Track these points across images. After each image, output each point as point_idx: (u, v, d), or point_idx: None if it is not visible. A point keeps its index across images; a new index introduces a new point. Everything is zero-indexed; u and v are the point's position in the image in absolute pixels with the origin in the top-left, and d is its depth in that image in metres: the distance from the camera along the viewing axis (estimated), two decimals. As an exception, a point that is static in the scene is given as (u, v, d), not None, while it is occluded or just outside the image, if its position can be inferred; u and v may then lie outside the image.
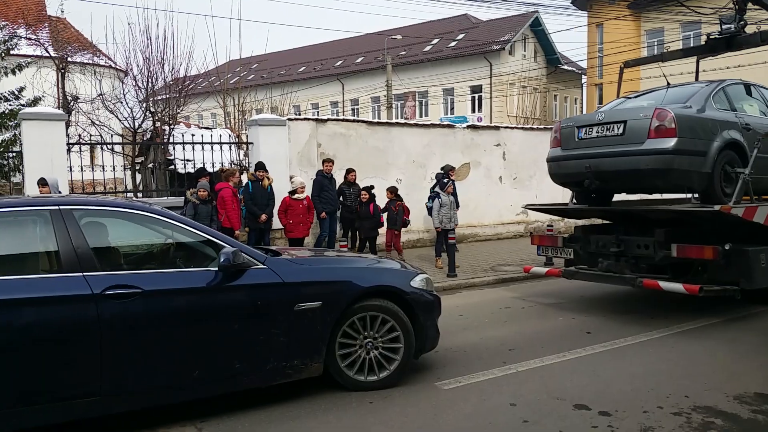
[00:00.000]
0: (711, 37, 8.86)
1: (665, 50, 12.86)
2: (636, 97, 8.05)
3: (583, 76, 37.33)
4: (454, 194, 10.76)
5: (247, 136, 11.85)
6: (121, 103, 13.93)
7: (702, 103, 6.87)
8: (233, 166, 11.09)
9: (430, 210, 10.55)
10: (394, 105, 32.55)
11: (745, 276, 6.53)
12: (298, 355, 4.42)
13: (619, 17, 28.01)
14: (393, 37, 35.04)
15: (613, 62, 22.09)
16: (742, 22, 8.43)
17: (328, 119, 12.17)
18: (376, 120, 17.02)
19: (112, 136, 12.87)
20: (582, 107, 38.98)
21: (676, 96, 7.21)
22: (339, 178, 10.93)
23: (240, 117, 17.13)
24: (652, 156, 6.47)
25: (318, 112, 40.68)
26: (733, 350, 5.78)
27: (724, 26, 8.56)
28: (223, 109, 17.38)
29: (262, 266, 4.39)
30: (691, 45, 22.14)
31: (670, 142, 6.38)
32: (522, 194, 13.55)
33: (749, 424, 4.14)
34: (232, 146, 12.05)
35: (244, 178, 10.13)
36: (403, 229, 10.85)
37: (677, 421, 4.14)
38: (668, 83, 7.92)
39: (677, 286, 6.47)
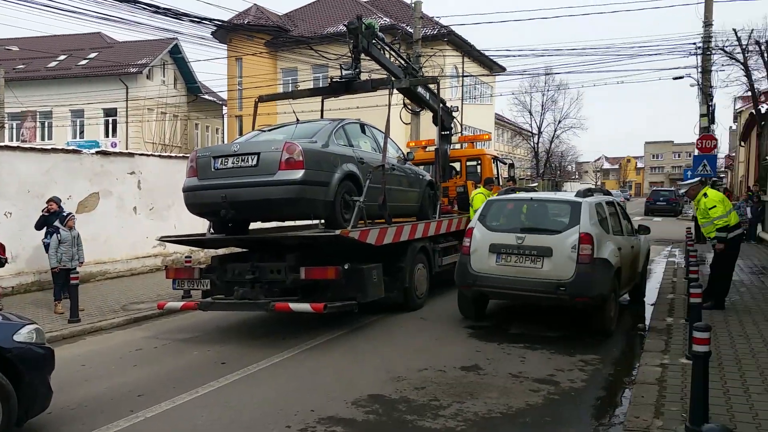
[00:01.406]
0: (333, 80, 9.95)
1: (296, 88, 14.00)
2: (270, 130, 8.49)
3: (224, 107, 38.19)
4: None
5: None
6: None
7: (326, 139, 7.63)
8: None
9: (47, 247, 9.13)
10: (8, 125, 27.89)
11: (361, 291, 7.42)
12: None
13: (256, 53, 29.54)
14: (7, 48, 30.20)
15: (252, 95, 22.93)
16: (357, 70, 9.66)
17: None
18: (-21, 142, 14.26)
19: None
20: (224, 137, 39.74)
21: (304, 131, 7.84)
22: None
23: None
24: (283, 186, 6.88)
25: None
26: (352, 358, 6.46)
27: (344, 72, 9.69)
28: None
29: None
30: (320, 85, 24.60)
31: (299, 174, 6.88)
32: (159, 225, 12.91)
33: (363, 425, 4.62)
34: None
35: None
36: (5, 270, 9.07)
37: (303, 438, 4.37)
38: (297, 119, 8.57)
39: (305, 306, 6.95)
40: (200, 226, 9.97)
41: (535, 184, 31.05)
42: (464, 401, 5.08)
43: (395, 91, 9.66)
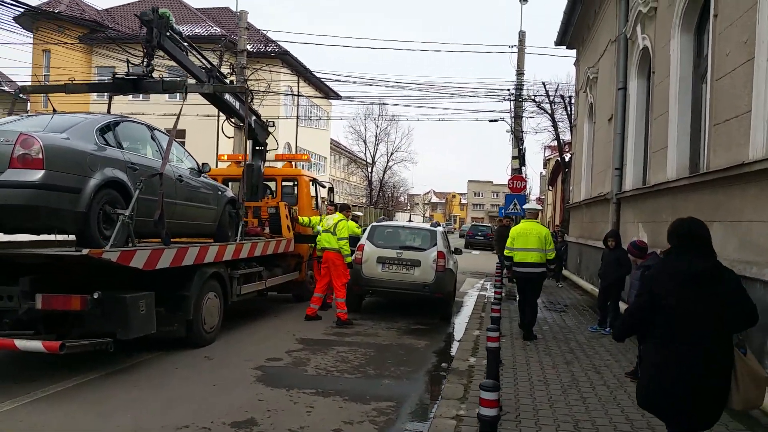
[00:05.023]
0: (117, 76, 8.54)
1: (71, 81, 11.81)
2: (22, 119, 6.81)
3: (29, 102, 33.50)
4: None
5: None
6: None
7: (83, 135, 6.13)
8: None
9: None
10: None
11: (123, 325, 6.00)
12: None
13: (64, 43, 26.28)
14: None
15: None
16: (149, 67, 8.36)
17: None
18: None
19: None
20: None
21: (59, 124, 6.27)
22: None
23: None
24: (14, 189, 5.34)
25: None
26: (95, 412, 5.04)
27: (131, 69, 8.35)
28: None
29: None
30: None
31: (36, 175, 5.40)
32: None
33: None
34: None
35: None
36: None
37: None
38: (54, 110, 7.03)
39: (36, 345, 5.40)
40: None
41: (382, 217, 34.26)
42: (220, 472, 4.01)
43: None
